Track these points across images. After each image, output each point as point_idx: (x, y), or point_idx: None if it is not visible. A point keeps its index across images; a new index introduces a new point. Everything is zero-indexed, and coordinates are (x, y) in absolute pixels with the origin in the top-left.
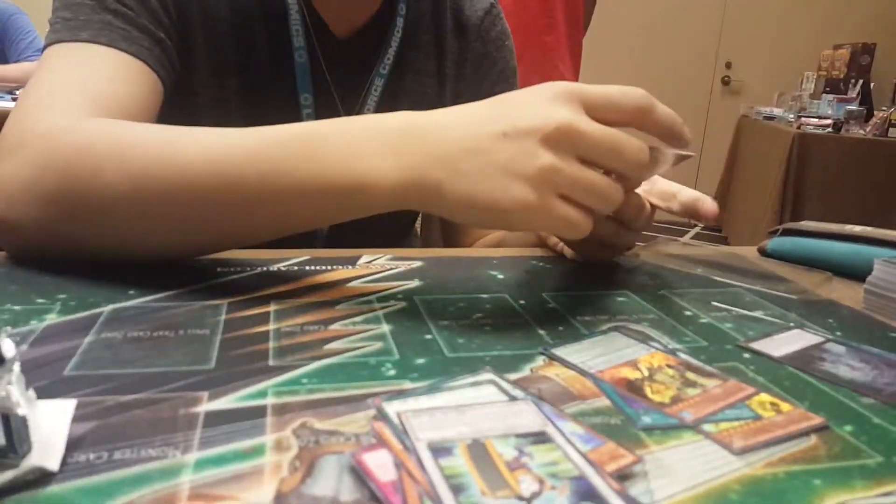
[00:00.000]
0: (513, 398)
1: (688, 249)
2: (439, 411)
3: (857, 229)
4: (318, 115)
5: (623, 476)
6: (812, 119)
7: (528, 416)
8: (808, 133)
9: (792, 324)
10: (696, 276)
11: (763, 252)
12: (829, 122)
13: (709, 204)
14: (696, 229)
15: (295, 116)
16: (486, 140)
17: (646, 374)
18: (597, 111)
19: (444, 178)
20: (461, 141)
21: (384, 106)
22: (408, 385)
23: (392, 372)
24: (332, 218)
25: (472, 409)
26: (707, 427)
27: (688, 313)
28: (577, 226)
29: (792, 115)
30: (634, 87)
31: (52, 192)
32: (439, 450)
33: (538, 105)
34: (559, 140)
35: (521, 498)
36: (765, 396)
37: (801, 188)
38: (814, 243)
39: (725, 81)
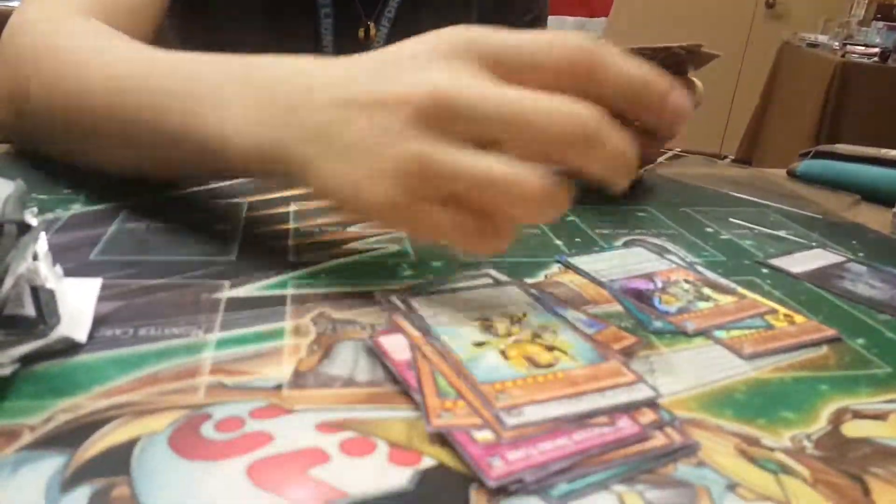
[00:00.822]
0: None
1: (714, 168)
2: (449, 296)
3: (894, 153)
4: (336, 19)
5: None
6: (858, 47)
7: (528, 301)
8: (851, 62)
9: (814, 244)
10: (720, 195)
11: (792, 174)
12: (876, 50)
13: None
14: (727, 160)
15: (311, 19)
16: (350, 109)
17: (659, 286)
18: (507, 70)
19: (308, 153)
20: (326, 108)
21: (404, 12)
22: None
23: (408, 272)
24: (194, 168)
25: (478, 293)
26: (718, 333)
27: (708, 230)
28: (468, 238)
29: (837, 43)
30: (573, 33)
31: (2, 90)
32: (451, 328)
33: (418, 64)
34: (437, 117)
35: (536, 365)
36: (780, 310)
37: (839, 120)
38: (845, 166)
39: (770, 4)
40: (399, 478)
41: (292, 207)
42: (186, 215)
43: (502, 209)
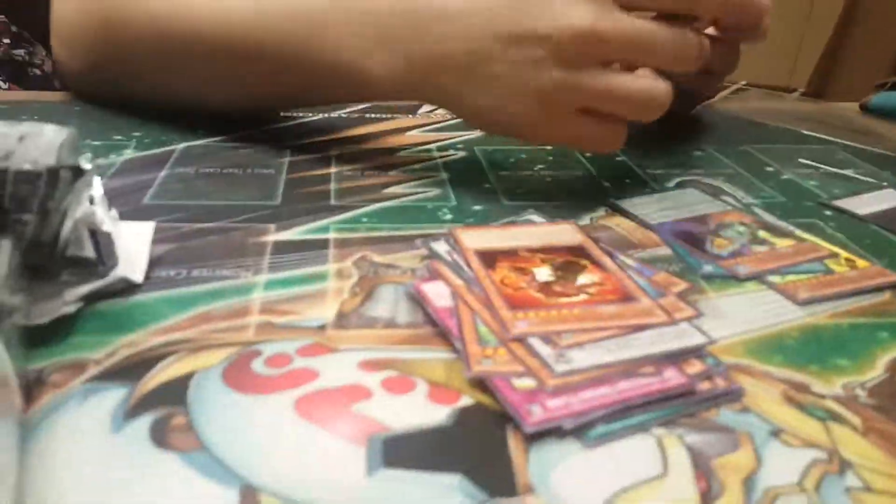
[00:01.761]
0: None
1: (780, 103)
2: (487, 231)
3: None
4: None
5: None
6: None
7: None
8: None
9: (885, 183)
10: (785, 131)
11: (865, 108)
12: None
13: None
14: (796, 94)
15: None
16: (489, 42)
17: (712, 228)
18: (629, 1)
19: (449, 84)
20: (464, 41)
21: None
22: None
23: (449, 216)
24: (339, 98)
25: (519, 228)
26: (772, 278)
27: (769, 169)
28: (604, 142)
29: None
30: None
31: (92, 38)
32: (489, 259)
33: (556, 2)
34: (576, 51)
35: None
36: (841, 254)
37: None
38: None
39: None
40: (438, 415)
41: (334, 151)
42: (233, 160)
43: (635, 116)
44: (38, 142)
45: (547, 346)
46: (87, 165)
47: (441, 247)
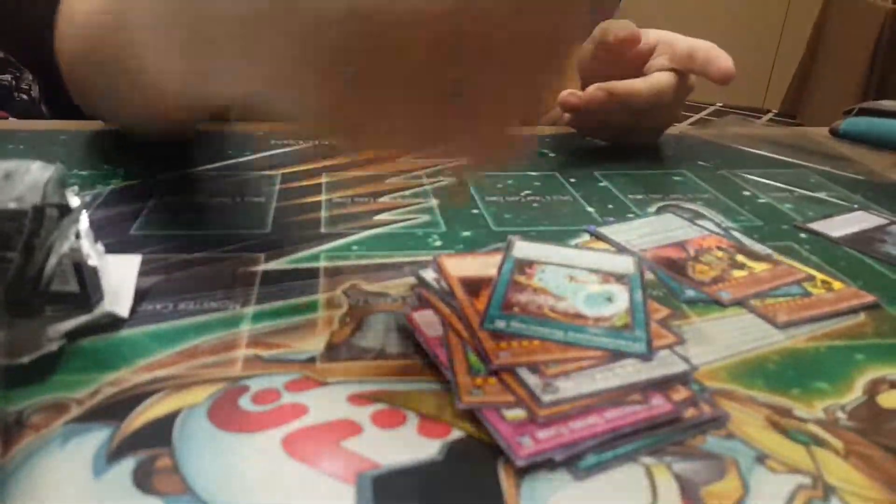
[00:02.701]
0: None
1: (754, 129)
2: (472, 258)
3: None
4: None
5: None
6: None
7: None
8: None
9: (856, 206)
10: (760, 156)
11: (835, 133)
12: None
13: (723, 59)
14: (769, 115)
15: None
16: None
17: (692, 254)
18: None
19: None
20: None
21: None
22: None
23: (438, 243)
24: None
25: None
26: (753, 302)
27: (746, 193)
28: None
29: None
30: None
31: (60, 43)
32: (471, 285)
33: None
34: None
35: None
36: (818, 276)
37: (889, 73)
38: (891, 123)
39: None
40: (429, 449)
41: (324, 178)
42: (223, 189)
43: None
44: (25, 179)
45: (534, 376)
46: (74, 201)
47: (429, 274)
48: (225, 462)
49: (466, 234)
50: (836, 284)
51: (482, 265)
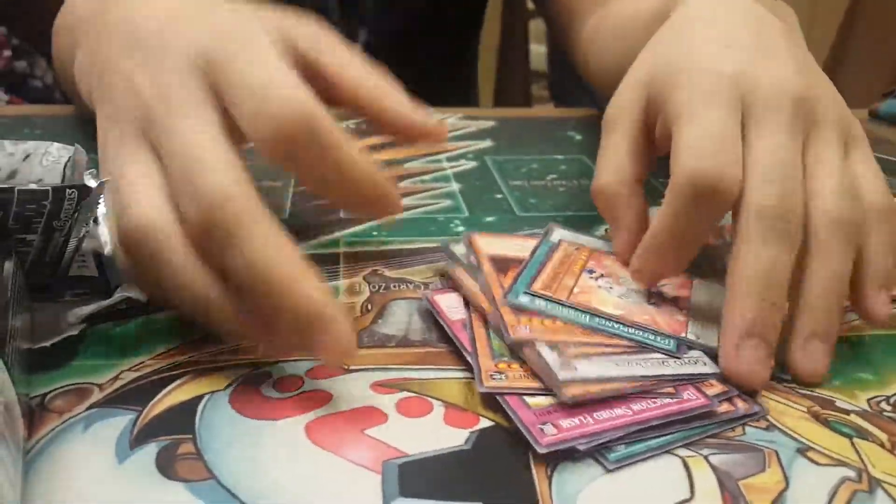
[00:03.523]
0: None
1: None
2: (505, 238)
3: None
4: None
5: None
6: None
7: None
8: None
9: None
10: None
11: (874, 114)
12: None
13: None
14: None
15: None
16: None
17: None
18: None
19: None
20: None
21: None
22: None
23: (460, 228)
24: None
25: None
26: None
27: None
28: None
29: None
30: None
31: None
32: (501, 263)
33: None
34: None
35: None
36: None
37: None
38: None
39: None
40: (456, 438)
41: None
42: None
43: None
44: (44, 160)
45: (553, 353)
46: (92, 183)
47: (459, 249)
48: (248, 449)
49: (490, 219)
50: None
51: (516, 247)
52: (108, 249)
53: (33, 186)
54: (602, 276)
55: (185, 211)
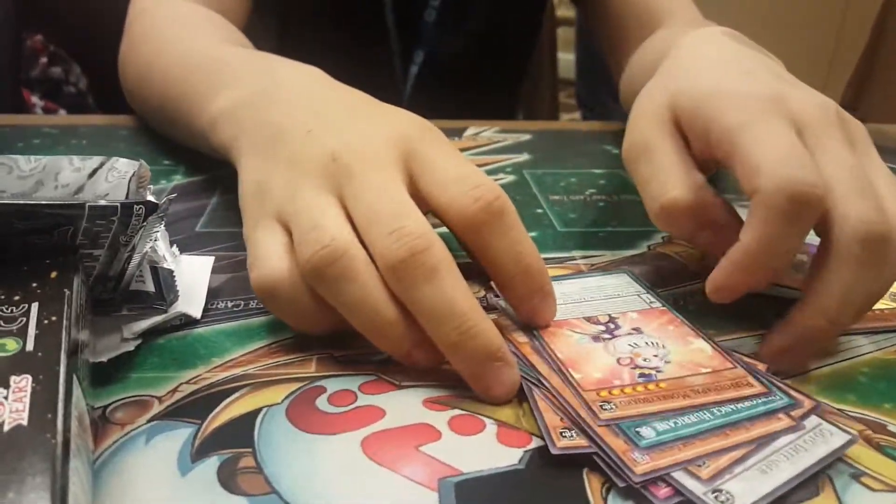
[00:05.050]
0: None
1: None
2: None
3: None
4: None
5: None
6: None
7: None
8: None
9: None
10: None
11: None
12: None
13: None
14: None
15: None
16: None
17: None
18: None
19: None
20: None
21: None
22: None
23: None
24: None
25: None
26: None
27: None
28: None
29: None
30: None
31: (122, 65)
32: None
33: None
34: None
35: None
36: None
37: None
38: None
39: None
40: (510, 457)
41: None
42: None
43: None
44: (109, 176)
45: (692, 479)
46: (158, 201)
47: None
48: (306, 463)
49: (532, 234)
50: None
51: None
52: (166, 263)
53: (103, 202)
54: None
55: (382, 245)
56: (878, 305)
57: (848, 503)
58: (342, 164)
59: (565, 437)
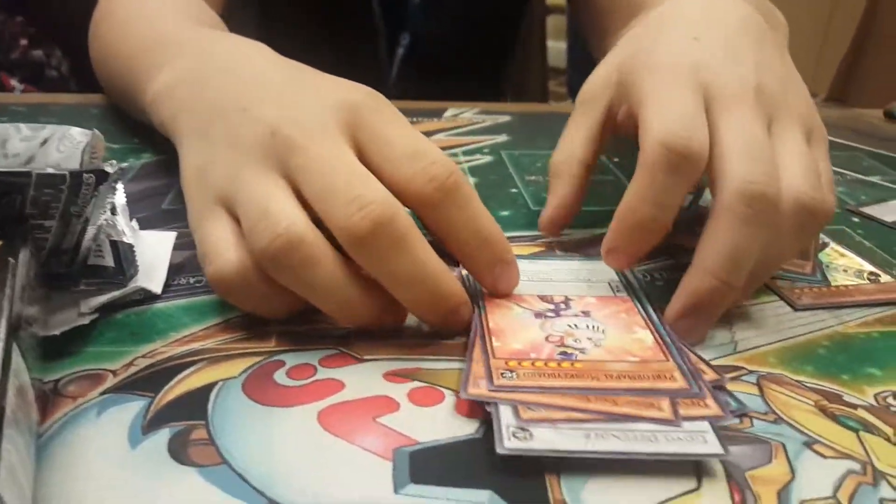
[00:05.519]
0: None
1: None
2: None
3: None
4: None
5: None
6: None
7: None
8: None
9: None
10: None
11: (889, 115)
12: None
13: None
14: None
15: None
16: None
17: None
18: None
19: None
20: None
21: None
22: None
23: None
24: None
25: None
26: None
27: None
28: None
29: None
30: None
31: (90, 42)
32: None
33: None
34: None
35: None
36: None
37: None
38: None
39: None
40: (467, 427)
41: None
42: None
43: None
44: (61, 145)
45: (512, 415)
46: (110, 169)
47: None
48: (260, 435)
49: (504, 213)
50: (885, 277)
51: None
52: (126, 238)
53: (51, 170)
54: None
55: (342, 217)
56: (843, 281)
57: (800, 469)
58: (282, 137)
59: (480, 386)
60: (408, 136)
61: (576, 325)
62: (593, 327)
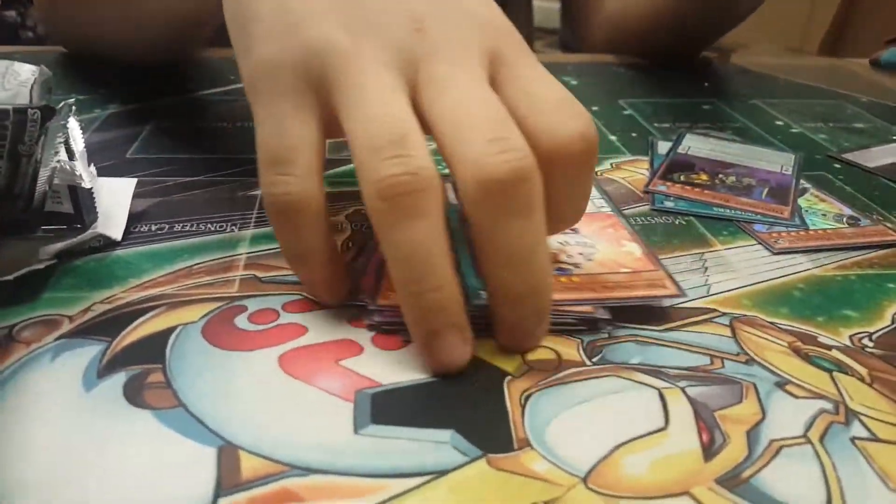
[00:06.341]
0: None
1: (790, 58)
2: None
3: None
4: None
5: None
6: None
7: None
8: None
9: (895, 136)
10: (794, 85)
11: (875, 63)
12: None
13: None
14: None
15: None
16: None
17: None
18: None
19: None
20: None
21: None
22: None
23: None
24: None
25: None
26: (758, 227)
27: (779, 123)
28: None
29: None
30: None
31: None
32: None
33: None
34: None
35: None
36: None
37: None
38: None
39: None
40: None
41: None
42: (221, 113)
43: None
44: (7, 83)
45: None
46: (60, 108)
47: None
48: (218, 378)
49: None
50: (865, 221)
51: None
52: (85, 184)
53: None
54: None
55: (478, 154)
56: (821, 225)
57: (771, 409)
58: (429, 37)
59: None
60: (552, 83)
61: (566, 242)
62: (584, 244)
